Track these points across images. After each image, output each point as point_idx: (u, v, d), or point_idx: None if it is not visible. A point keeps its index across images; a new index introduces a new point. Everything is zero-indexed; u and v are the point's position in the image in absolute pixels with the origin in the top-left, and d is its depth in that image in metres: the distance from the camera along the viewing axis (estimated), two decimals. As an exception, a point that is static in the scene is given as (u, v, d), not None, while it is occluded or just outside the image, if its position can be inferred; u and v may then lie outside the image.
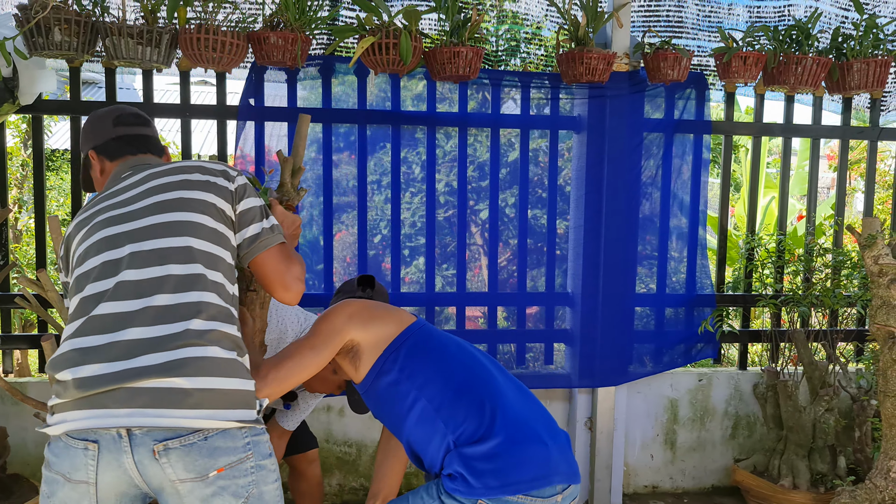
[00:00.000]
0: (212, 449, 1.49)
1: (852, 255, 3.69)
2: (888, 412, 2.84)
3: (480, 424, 1.78)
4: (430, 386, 1.84)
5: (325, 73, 3.40)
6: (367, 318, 1.93)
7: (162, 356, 1.49)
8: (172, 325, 1.53)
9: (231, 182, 1.77)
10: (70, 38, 2.90)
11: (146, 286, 1.57)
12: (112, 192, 1.78)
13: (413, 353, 1.89)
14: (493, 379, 1.89)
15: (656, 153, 3.63)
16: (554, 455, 1.80)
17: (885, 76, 3.51)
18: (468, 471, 1.74)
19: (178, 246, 1.62)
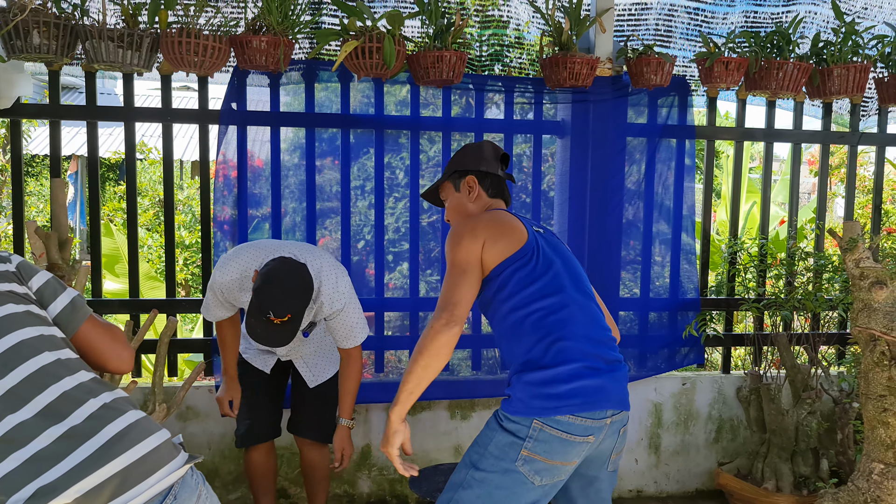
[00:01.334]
0: (181, 501, 1.46)
1: (833, 258, 3.72)
2: (870, 414, 2.85)
3: (544, 355, 1.97)
4: (524, 307, 2.02)
5: (308, 78, 3.39)
6: (496, 237, 2.07)
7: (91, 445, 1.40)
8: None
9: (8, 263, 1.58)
10: (49, 42, 2.87)
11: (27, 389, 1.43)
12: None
13: (519, 273, 2.05)
14: (568, 307, 2.03)
15: (640, 158, 3.64)
16: (606, 384, 1.98)
17: (865, 81, 3.54)
18: (525, 394, 1.94)
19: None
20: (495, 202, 2.33)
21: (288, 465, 3.52)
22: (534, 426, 1.91)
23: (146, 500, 1.38)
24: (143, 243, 7.26)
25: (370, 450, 3.59)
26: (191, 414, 3.42)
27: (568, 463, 1.95)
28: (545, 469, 1.92)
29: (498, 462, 1.93)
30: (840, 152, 6.79)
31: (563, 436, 1.90)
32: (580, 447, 1.94)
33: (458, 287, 2.01)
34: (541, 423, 1.91)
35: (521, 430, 1.92)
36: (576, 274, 2.15)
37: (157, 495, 1.40)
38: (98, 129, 3.36)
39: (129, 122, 3.32)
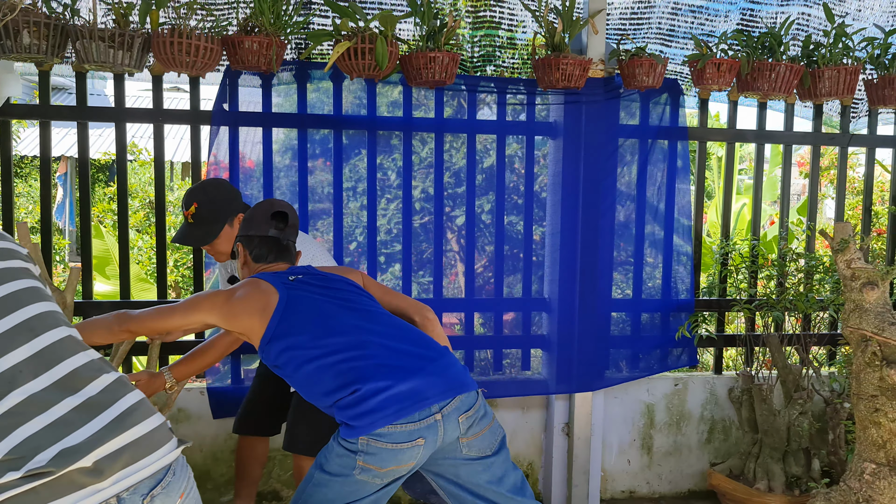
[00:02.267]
0: (177, 480, 1.49)
1: (824, 259, 3.73)
2: (861, 415, 2.86)
3: (348, 383, 1.98)
4: (308, 359, 2.03)
5: (300, 79, 3.38)
6: (242, 310, 2.10)
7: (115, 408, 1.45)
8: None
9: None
10: (39, 42, 2.85)
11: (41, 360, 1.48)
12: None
13: (290, 332, 2.05)
14: (354, 337, 2.05)
15: (632, 159, 3.65)
16: (418, 384, 1.98)
17: (855, 83, 3.56)
18: (344, 418, 1.97)
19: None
20: (261, 267, 2.30)
21: (280, 466, 3.51)
22: (360, 442, 1.96)
23: (151, 474, 1.43)
24: (133, 245, 7.23)
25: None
26: (182, 416, 3.40)
27: (403, 465, 1.99)
28: (382, 474, 1.98)
29: (340, 469, 2.00)
30: (830, 154, 6.83)
31: (389, 446, 1.95)
32: (412, 451, 1.97)
33: (179, 323, 2.15)
34: (366, 438, 1.95)
35: (353, 446, 1.97)
36: (348, 306, 2.14)
37: (159, 471, 1.45)
38: (88, 129, 3.34)
39: (119, 122, 3.30)
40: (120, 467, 1.39)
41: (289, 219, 2.33)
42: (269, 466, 3.49)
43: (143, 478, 1.42)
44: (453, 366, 2.08)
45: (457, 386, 2.03)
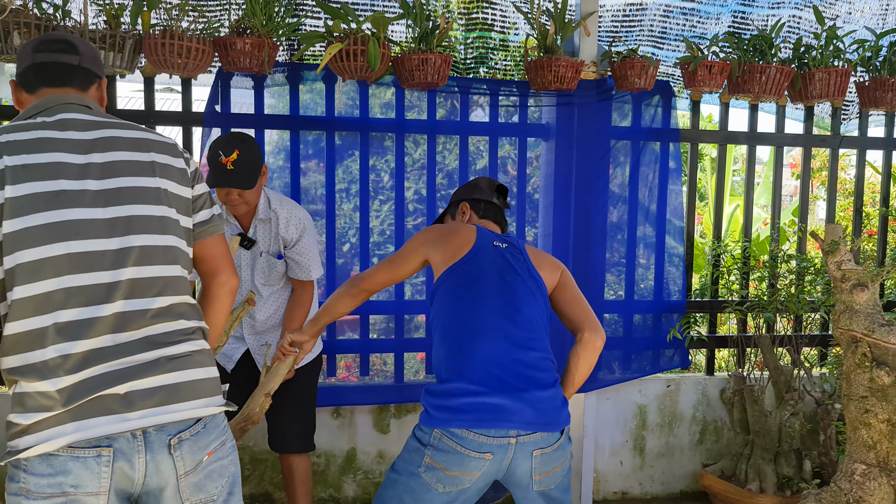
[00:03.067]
0: (208, 434, 1.56)
1: (815, 261, 3.75)
2: (852, 415, 2.87)
3: (446, 367, 2.07)
4: (443, 321, 2.14)
5: (292, 80, 3.37)
6: (441, 243, 2.24)
7: (156, 353, 1.52)
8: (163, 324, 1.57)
9: (188, 165, 1.72)
10: (30, 43, 2.83)
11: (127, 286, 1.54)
12: (59, 143, 1.55)
13: (453, 285, 2.17)
14: (486, 326, 2.08)
15: (624, 161, 3.65)
16: (508, 404, 1.98)
17: (846, 85, 3.58)
18: (428, 404, 2.04)
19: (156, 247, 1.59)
20: (485, 223, 2.43)
21: (273, 469, 3.50)
22: (434, 435, 2.00)
23: (182, 419, 1.50)
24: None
25: (355, 453, 3.57)
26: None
27: (468, 474, 1.99)
28: (446, 478, 1.99)
29: (407, 466, 2.04)
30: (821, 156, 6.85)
31: (458, 448, 1.97)
32: (478, 462, 1.98)
33: (380, 276, 2.35)
34: (440, 433, 1.99)
35: (425, 438, 2.02)
36: (510, 298, 2.15)
37: (190, 419, 1.52)
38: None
39: (111, 124, 3.29)
40: (151, 405, 1.47)
41: (506, 195, 2.58)
42: (260, 468, 3.49)
43: (172, 420, 1.49)
44: (551, 401, 2.06)
45: (543, 423, 2.02)
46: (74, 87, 1.69)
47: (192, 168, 1.72)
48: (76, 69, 1.70)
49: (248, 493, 3.46)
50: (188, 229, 1.68)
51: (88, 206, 1.52)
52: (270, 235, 2.80)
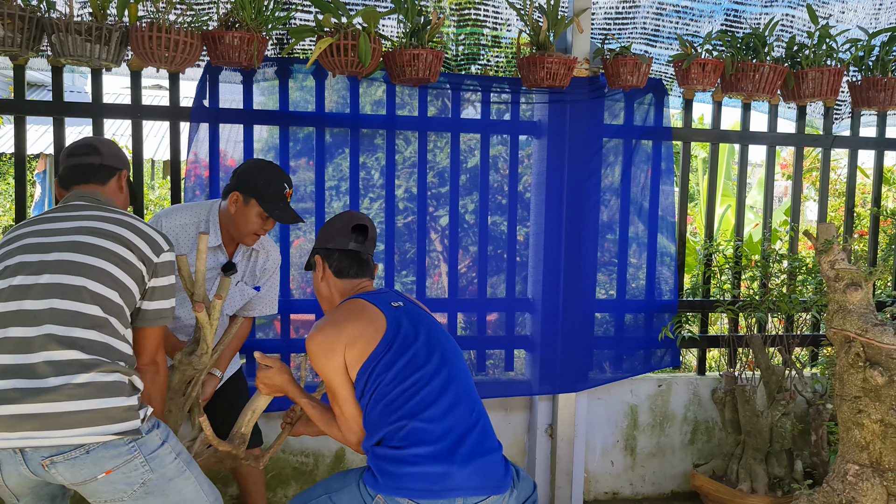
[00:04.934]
0: (95, 458, 1.74)
1: (807, 261, 3.74)
2: (844, 416, 2.86)
3: (395, 435, 1.98)
4: (386, 394, 2.02)
5: (282, 75, 3.33)
6: (354, 339, 2.06)
7: (50, 381, 1.71)
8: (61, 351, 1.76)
9: (157, 254, 1.98)
10: (14, 35, 2.79)
11: (42, 316, 1.78)
12: (42, 223, 1.97)
13: (379, 366, 2.04)
14: (434, 391, 2.03)
15: (616, 159, 3.63)
16: (455, 472, 1.94)
17: (839, 85, 3.57)
18: (375, 468, 1.99)
19: (73, 285, 1.83)
20: (350, 284, 2.26)
21: (260, 469, 3.45)
22: (377, 500, 1.98)
23: (55, 445, 1.69)
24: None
25: (344, 453, 3.54)
26: (160, 418, 3.34)
27: None
28: None
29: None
30: (812, 156, 6.87)
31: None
32: None
33: (348, 407, 2.10)
34: (383, 499, 1.97)
35: (368, 499, 2.00)
36: (441, 349, 2.12)
37: (66, 445, 1.71)
38: (65, 126, 3.28)
39: (97, 118, 3.24)
40: (28, 428, 1.67)
41: (368, 232, 2.29)
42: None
43: (46, 445, 1.69)
44: (497, 465, 2.04)
45: (489, 486, 2.00)
46: (94, 184, 2.13)
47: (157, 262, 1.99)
48: (96, 168, 2.15)
49: (236, 493, 3.42)
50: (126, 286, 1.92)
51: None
52: (250, 267, 2.81)
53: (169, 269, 2.01)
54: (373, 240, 2.31)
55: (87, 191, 2.10)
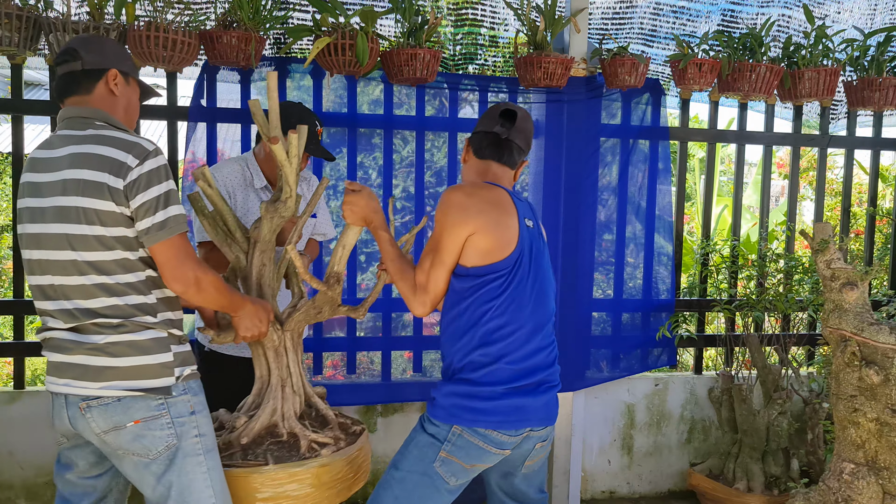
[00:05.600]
0: (126, 407, 1.84)
1: (804, 260, 3.75)
2: (841, 415, 2.87)
3: (477, 370, 2.01)
4: (479, 321, 2.02)
5: (279, 75, 3.33)
6: (487, 232, 1.99)
7: (94, 339, 1.84)
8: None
9: (122, 176, 1.80)
10: (12, 34, 2.79)
11: (58, 291, 1.86)
12: (38, 162, 1.90)
13: (493, 283, 2.01)
14: (521, 329, 2.04)
15: (613, 159, 3.64)
16: (529, 404, 2.02)
17: (835, 85, 3.58)
18: (449, 402, 2.01)
19: (66, 259, 1.85)
20: (487, 165, 2.17)
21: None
22: (453, 431, 2.00)
23: (85, 395, 1.84)
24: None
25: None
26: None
27: (483, 465, 2.06)
28: (461, 471, 2.02)
29: (418, 463, 2.03)
30: (808, 156, 6.88)
31: (480, 444, 2.00)
32: (497, 457, 2.05)
33: (438, 276, 2.04)
34: (461, 429, 2.00)
35: (441, 433, 2.02)
36: (543, 289, 2.11)
37: (92, 395, 1.84)
38: (62, 125, 3.27)
39: (94, 118, 3.23)
40: (70, 376, 1.85)
41: (516, 118, 2.17)
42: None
43: (79, 393, 1.84)
44: (555, 398, 2.13)
45: (550, 417, 2.11)
46: (79, 95, 1.93)
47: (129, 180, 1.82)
48: (78, 75, 1.93)
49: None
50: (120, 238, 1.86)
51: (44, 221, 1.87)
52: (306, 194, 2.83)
53: (146, 181, 1.81)
54: (522, 130, 2.18)
55: (74, 108, 1.91)
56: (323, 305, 2.25)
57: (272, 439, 2.16)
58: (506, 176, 2.18)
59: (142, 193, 1.80)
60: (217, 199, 2.17)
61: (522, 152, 2.21)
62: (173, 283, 1.85)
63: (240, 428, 2.18)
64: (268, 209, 2.18)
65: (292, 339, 2.26)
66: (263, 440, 2.15)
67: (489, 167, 2.17)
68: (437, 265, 2.03)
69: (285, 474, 2.03)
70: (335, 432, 2.22)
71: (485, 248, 1.99)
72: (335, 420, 2.30)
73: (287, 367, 2.24)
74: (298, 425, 2.19)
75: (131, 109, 2.03)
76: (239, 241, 2.23)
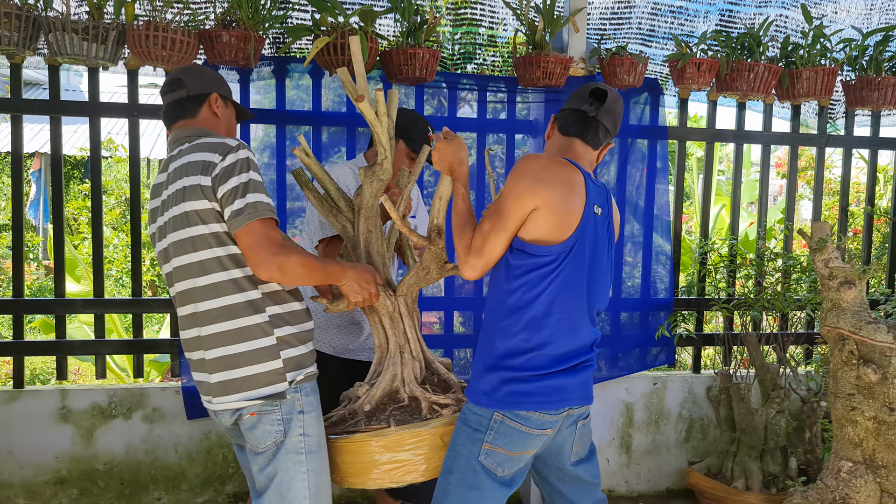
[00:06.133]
0: (257, 422, 1.98)
1: (802, 259, 3.76)
2: (838, 413, 2.88)
3: (521, 355, 1.99)
4: (531, 303, 1.98)
5: (278, 74, 3.33)
6: (552, 209, 1.95)
7: (207, 354, 1.99)
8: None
9: (209, 173, 1.90)
10: (11, 33, 2.79)
11: (178, 298, 2.02)
12: (155, 188, 2.10)
13: (549, 265, 1.97)
14: (571, 313, 2.01)
15: (611, 158, 3.64)
16: (568, 383, 2.01)
17: (833, 84, 3.59)
18: (489, 386, 1.99)
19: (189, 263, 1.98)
20: (569, 142, 2.12)
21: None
22: (494, 418, 1.98)
23: (223, 409, 2.01)
24: (108, 242, 7.12)
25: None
26: (157, 416, 3.35)
27: (528, 452, 2.02)
28: (507, 460, 2.00)
29: (464, 462, 2.00)
30: (807, 155, 6.89)
31: (522, 428, 1.98)
32: (538, 439, 2.02)
33: (496, 241, 1.99)
34: (501, 415, 1.98)
35: (483, 423, 1.99)
36: (598, 280, 2.08)
37: (225, 409, 2.01)
38: (62, 124, 3.28)
39: (93, 117, 3.24)
40: (215, 394, 1.98)
41: (606, 99, 2.12)
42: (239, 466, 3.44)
43: (222, 409, 1.99)
44: (590, 372, 2.12)
45: (588, 396, 2.10)
46: (185, 119, 2.11)
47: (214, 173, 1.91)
48: (184, 101, 2.11)
49: (233, 491, 3.43)
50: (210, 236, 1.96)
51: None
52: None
53: (226, 173, 1.90)
54: (611, 112, 2.13)
55: (180, 130, 2.09)
56: (430, 264, 2.27)
57: (394, 405, 2.20)
58: (587, 156, 2.13)
59: (224, 185, 1.89)
60: (316, 168, 2.23)
61: (608, 134, 2.15)
62: (257, 269, 1.90)
63: (362, 396, 2.23)
64: (366, 174, 2.21)
65: (406, 304, 2.29)
66: (386, 406, 2.20)
67: (572, 144, 2.12)
68: (497, 230, 1.98)
69: (407, 434, 2.08)
70: (457, 394, 2.25)
71: (545, 226, 1.95)
72: (458, 384, 2.32)
73: (404, 332, 2.28)
74: (419, 389, 2.23)
75: (231, 129, 2.20)
76: (344, 210, 2.29)
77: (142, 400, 3.34)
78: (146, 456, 3.35)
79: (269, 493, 1.97)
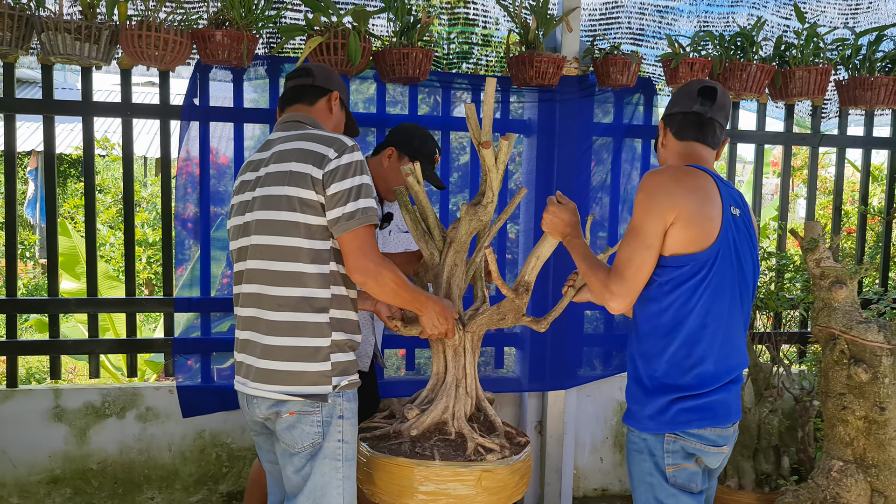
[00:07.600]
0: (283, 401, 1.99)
1: (795, 258, 3.77)
2: (830, 412, 2.89)
3: (683, 376, 1.93)
4: (675, 317, 1.93)
5: (272, 74, 3.33)
6: (691, 219, 1.88)
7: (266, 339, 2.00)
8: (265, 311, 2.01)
9: (322, 166, 1.93)
10: (3, 33, 2.79)
11: (252, 276, 2.01)
12: (251, 163, 2.11)
13: (693, 279, 1.90)
14: (723, 323, 1.95)
15: (606, 157, 3.65)
16: (729, 398, 1.97)
17: (826, 84, 3.59)
18: (656, 410, 1.94)
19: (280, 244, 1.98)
20: (689, 147, 2.05)
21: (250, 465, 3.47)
22: (667, 440, 1.94)
23: (266, 397, 2.00)
24: (104, 241, 7.12)
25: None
26: (151, 415, 3.35)
27: (712, 467, 2.00)
28: (695, 473, 1.97)
29: (662, 489, 1.96)
30: (802, 154, 6.90)
31: (698, 446, 1.94)
32: (716, 456, 1.98)
33: (641, 262, 1.90)
34: (674, 436, 1.94)
35: (657, 447, 1.96)
36: (746, 283, 2.02)
37: (269, 398, 2.00)
38: (56, 124, 3.28)
39: (87, 116, 3.25)
40: (258, 379, 1.99)
41: (717, 96, 2.03)
42: (238, 465, 3.46)
43: (261, 395, 1.99)
44: (739, 386, 2.07)
45: (740, 411, 2.04)
46: (303, 104, 2.18)
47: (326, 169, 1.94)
48: (308, 88, 2.19)
49: (227, 490, 3.43)
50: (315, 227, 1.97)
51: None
52: (399, 215, 2.84)
53: (342, 173, 1.92)
54: (723, 107, 2.05)
55: (292, 114, 2.14)
56: (507, 313, 2.31)
57: (440, 436, 2.23)
58: (710, 158, 2.05)
59: (336, 183, 1.92)
60: (422, 195, 2.26)
61: (724, 130, 2.08)
62: (355, 272, 1.94)
63: (411, 420, 2.26)
64: (468, 211, 2.24)
65: (472, 341, 2.32)
66: (432, 435, 2.22)
67: (692, 149, 2.04)
68: (639, 250, 1.89)
69: (450, 472, 2.10)
70: (501, 440, 2.25)
71: (686, 238, 1.88)
72: (502, 428, 2.34)
73: (464, 367, 2.30)
74: (467, 426, 2.25)
75: (338, 130, 2.26)
76: (436, 239, 2.32)
77: (135, 399, 3.35)
78: (140, 455, 3.36)
79: (303, 496, 1.97)
